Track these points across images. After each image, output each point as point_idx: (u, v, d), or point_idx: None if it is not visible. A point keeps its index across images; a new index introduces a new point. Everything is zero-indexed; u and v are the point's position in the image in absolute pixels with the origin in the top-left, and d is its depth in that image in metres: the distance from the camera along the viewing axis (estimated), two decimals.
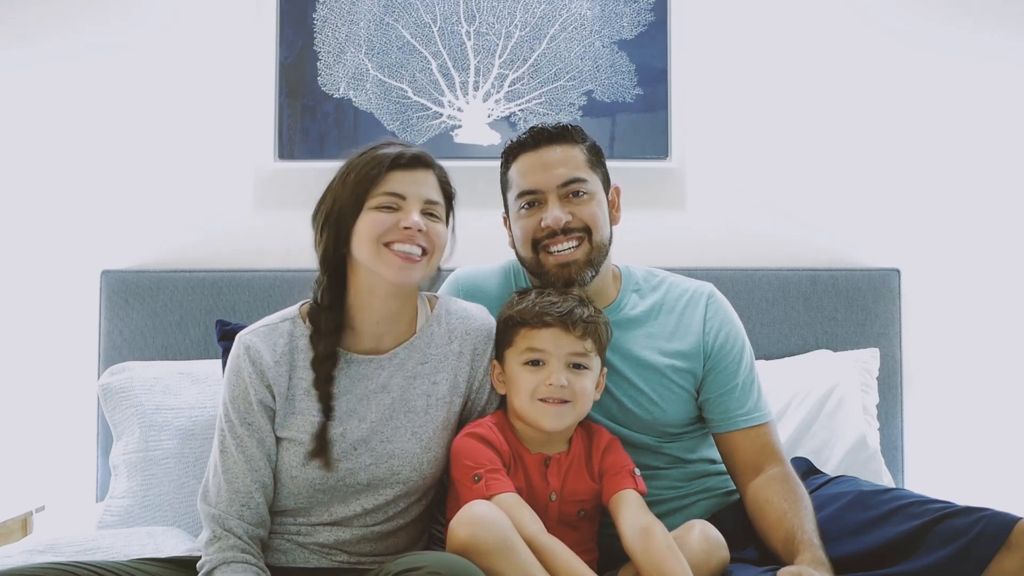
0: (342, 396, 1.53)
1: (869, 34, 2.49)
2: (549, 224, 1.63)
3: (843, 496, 1.58)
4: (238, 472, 1.48)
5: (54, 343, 2.43)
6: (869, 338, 2.38)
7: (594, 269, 1.66)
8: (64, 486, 2.39)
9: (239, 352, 1.52)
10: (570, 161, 1.66)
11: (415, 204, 1.50)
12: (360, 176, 1.50)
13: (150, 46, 2.46)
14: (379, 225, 1.48)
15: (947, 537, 1.41)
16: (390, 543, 1.56)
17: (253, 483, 1.48)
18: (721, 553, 1.47)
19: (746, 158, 2.50)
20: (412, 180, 1.51)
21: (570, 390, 1.51)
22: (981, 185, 2.49)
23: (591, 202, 1.66)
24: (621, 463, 1.56)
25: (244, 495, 1.48)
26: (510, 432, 1.55)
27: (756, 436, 1.66)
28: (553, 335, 1.52)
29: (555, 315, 1.52)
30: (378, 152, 1.52)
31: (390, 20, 2.45)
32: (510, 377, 1.55)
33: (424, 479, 1.55)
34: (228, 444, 1.50)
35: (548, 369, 1.51)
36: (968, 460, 2.44)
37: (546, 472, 1.53)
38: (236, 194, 2.47)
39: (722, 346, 1.70)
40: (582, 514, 1.55)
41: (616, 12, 2.46)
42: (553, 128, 1.68)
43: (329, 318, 1.53)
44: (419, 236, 1.49)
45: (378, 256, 1.48)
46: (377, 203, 1.49)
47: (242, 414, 1.50)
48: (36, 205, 2.45)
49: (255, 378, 1.50)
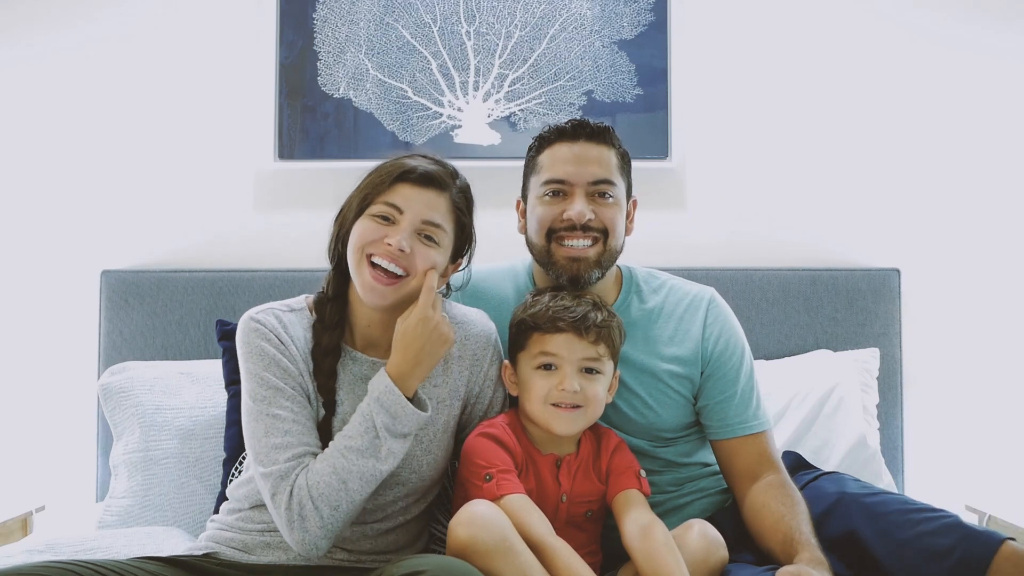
0: (346, 398, 1.52)
1: (869, 34, 2.49)
2: (572, 217, 1.63)
3: (825, 498, 1.58)
4: (287, 427, 1.41)
5: (54, 343, 2.43)
6: (869, 338, 2.38)
7: (601, 271, 1.66)
8: (64, 486, 2.39)
9: (252, 327, 1.49)
10: (605, 161, 1.67)
11: (410, 222, 1.48)
12: (371, 180, 1.51)
13: (150, 46, 2.46)
14: (367, 234, 1.47)
15: (930, 555, 1.41)
16: (390, 541, 1.56)
17: (309, 435, 1.43)
18: (720, 552, 1.47)
19: (746, 158, 2.50)
20: (417, 197, 1.49)
21: (582, 395, 1.51)
22: (981, 185, 2.49)
23: (615, 206, 1.67)
24: (627, 463, 1.57)
25: (300, 444, 1.41)
26: (522, 433, 1.55)
27: (754, 444, 1.66)
28: (566, 340, 1.51)
29: (568, 320, 1.51)
30: (400, 162, 1.51)
31: (390, 20, 2.45)
32: (523, 380, 1.55)
33: (423, 481, 1.55)
34: (276, 409, 1.43)
35: (561, 374, 1.51)
36: (968, 460, 2.43)
37: (558, 474, 1.53)
38: (236, 194, 2.47)
39: (721, 353, 1.69)
40: (589, 515, 1.56)
41: (616, 12, 2.46)
42: (595, 125, 1.68)
43: (334, 309, 1.52)
44: (401, 257, 1.46)
45: (358, 266, 1.48)
46: (375, 211, 1.48)
47: (281, 376, 1.45)
48: (36, 205, 2.45)
49: (278, 343, 1.48)
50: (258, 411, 1.44)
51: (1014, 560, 1.38)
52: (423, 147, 2.42)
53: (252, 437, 1.45)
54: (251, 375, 1.47)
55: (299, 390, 1.47)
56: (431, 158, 1.55)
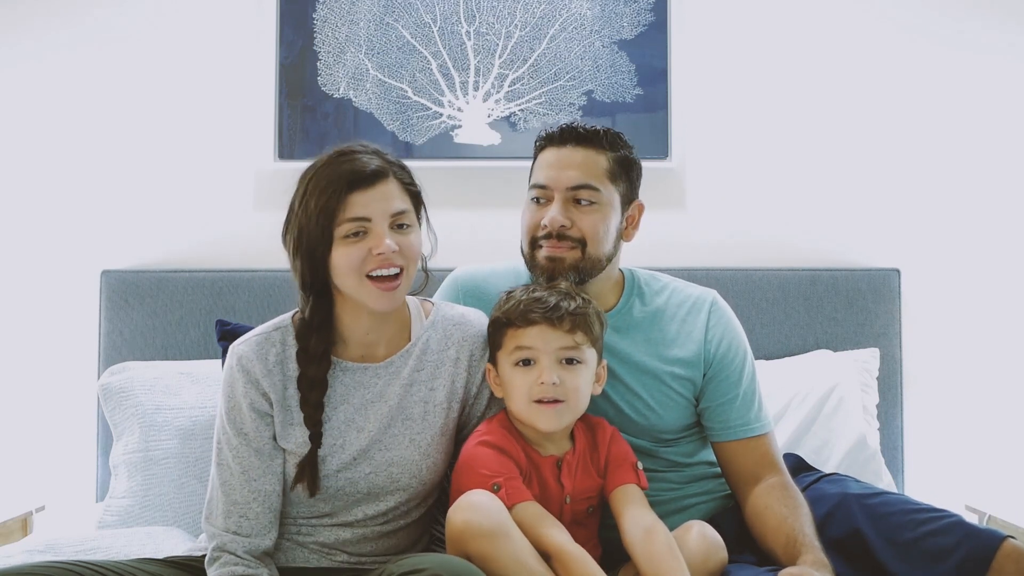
0: (340, 406, 1.51)
1: (869, 34, 2.49)
2: (546, 224, 1.62)
3: (827, 499, 1.58)
4: (235, 484, 1.47)
5: (54, 343, 2.43)
6: (869, 338, 2.38)
7: (579, 276, 1.63)
8: (64, 486, 2.39)
9: (231, 363, 1.51)
10: (587, 166, 1.63)
11: (382, 224, 1.45)
12: (320, 205, 1.43)
13: (151, 45, 2.46)
14: (354, 258, 1.44)
15: (933, 555, 1.42)
16: (391, 543, 1.55)
17: (250, 493, 1.47)
18: (720, 554, 1.47)
19: (746, 158, 2.50)
20: (374, 198, 1.44)
21: (562, 388, 1.48)
22: (981, 185, 2.49)
23: (596, 213, 1.62)
24: (623, 455, 1.55)
25: (241, 506, 1.46)
26: (518, 436, 1.53)
27: (755, 446, 1.65)
28: (540, 332, 1.48)
29: (540, 311, 1.48)
30: (333, 172, 1.45)
31: (390, 20, 2.45)
32: (504, 380, 1.53)
33: (424, 485, 1.54)
34: (225, 456, 1.49)
35: (539, 367, 1.49)
36: (968, 460, 2.44)
37: (560, 475, 1.51)
38: (236, 194, 2.47)
39: (724, 355, 1.68)
40: (590, 510, 1.54)
41: (616, 12, 2.46)
42: (584, 129, 1.65)
43: (319, 340, 1.49)
44: (393, 257, 1.44)
45: (360, 288, 1.45)
46: (345, 231, 1.44)
47: (237, 425, 1.48)
48: (36, 205, 2.45)
49: (249, 387, 1.48)
50: (215, 451, 1.51)
51: (1015, 558, 1.39)
52: (413, 144, 2.42)
53: (210, 477, 1.52)
54: (218, 412, 1.52)
55: (257, 430, 1.48)
56: (356, 151, 1.49)
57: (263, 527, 1.47)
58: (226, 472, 1.48)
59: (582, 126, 1.66)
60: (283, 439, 1.49)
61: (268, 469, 1.49)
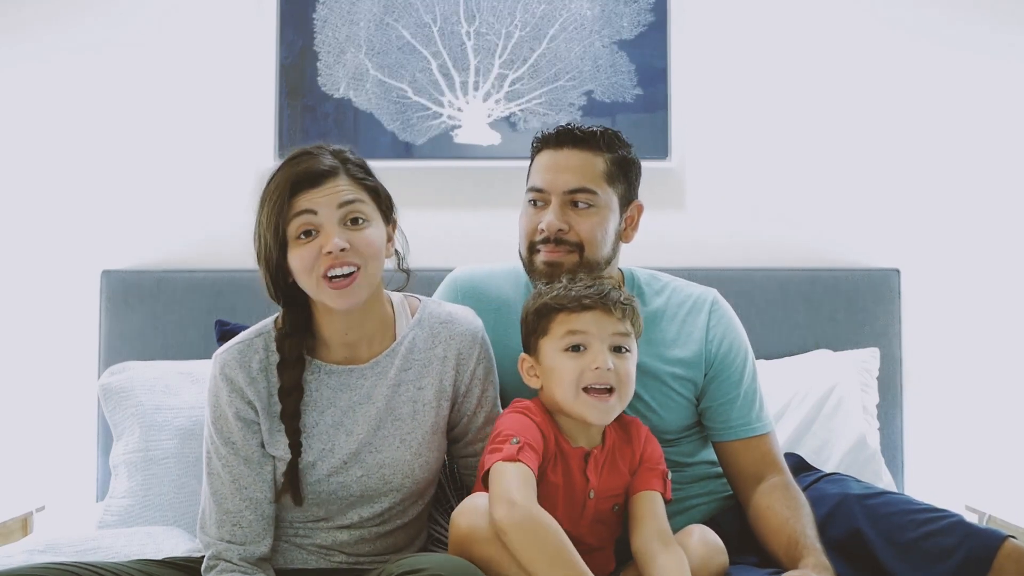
0: (327, 410, 1.50)
1: (869, 34, 2.49)
2: (543, 229, 1.61)
3: (827, 499, 1.58)
4: (226, 493, 1.47)
5: (54, 343, 2.43)
6: (869, 338, 2.38)
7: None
8: (64, 486, 2.39)
9: (215, 372, 1.50)
10: (584, 169, 1.61)
11: (329, 220, 1.41)
12: (270, 210, 1.42)
13: (151, 45, 2.46)
14: (307, 259, 1.42)
15: (933, 555, 1.42)
16: (388, 543, 1.55)
17: (242, 501, 1.46)
18: (720, 558, 1.46)
19: (746, 158, 2.50)
20: (320, 194, 1.42)
21: (615, 374, 1.44)
22: (981, 185, 2.49)
23: (593, 216, 1.61)
24: (657, 459, 1.52)
25: (234, 515, 1.46)
26: (552, 422, 1.49)
27: (757, 446, 1.65)
28: (594, 317, 1.46)
29: (594, 297, 1.46)
30: (283, 175, 1.44)
31: (390, 20, 2.45)
32: (548, 368, 1.48)
33: (417, 484, 1.53)
34: (214, 465, 1.49)
35: (592, 353, 1.45)
36: (968, 460, 2.43)
37: (585, 468, 1.47)
38: (236, 194, 2.47)
39: (725, 355, 1.67)
40: (616, 508, 1.51)
41: (616, 12, 2.46)
42: (580, 131, 1.63)
43: (292, 346, 1.48)
44: (344, 255, 1.40)
45: (319, 289, 1.43)
46: (295, 231, 1.42)
47: (224, 434, 1.48)
48: (36, 205, 2.45)
49: (233, 396, 1.47)
50: (205, 460, 1.51)
51: (1015, 558, 1.39)
52: (416, 145, 2.42)
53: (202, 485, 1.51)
54: (205, 421, 1.51)
55: (243, 439, 1.47)
56: (310, 152, 1.47)
57: (257, 534, 1.47)
58: (216, 481, 1.48)
59: (578, 127, 1.64)
60: (270, 446, 1.49)
61: (258, 477, 1.48)
